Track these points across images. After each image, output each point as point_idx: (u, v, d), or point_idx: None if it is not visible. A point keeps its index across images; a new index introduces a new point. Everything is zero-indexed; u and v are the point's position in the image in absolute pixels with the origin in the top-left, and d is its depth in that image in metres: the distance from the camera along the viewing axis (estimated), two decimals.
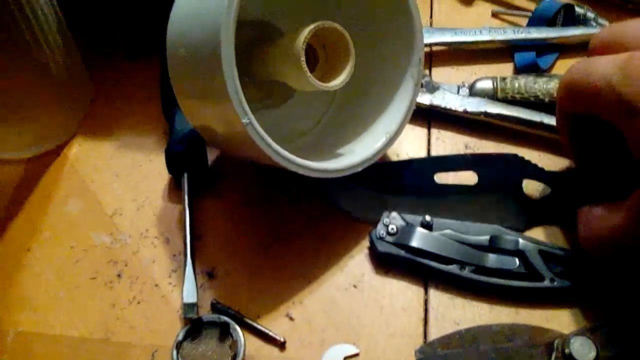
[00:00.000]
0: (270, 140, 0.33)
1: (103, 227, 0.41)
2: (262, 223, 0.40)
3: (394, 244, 0.37)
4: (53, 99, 0.44)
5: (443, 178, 0.41)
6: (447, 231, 0.38)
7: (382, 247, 0.37)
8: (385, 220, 0.38)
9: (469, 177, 0.41)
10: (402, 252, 0.37)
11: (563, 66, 0.47)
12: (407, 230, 0.37)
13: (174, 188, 0.43)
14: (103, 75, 0.49)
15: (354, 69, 0.36)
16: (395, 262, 0.37)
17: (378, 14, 0.39)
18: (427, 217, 0.38)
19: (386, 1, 0.38)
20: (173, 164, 0.41)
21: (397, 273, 0.38)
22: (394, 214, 0.38)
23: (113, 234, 0.41)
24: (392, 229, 0.37)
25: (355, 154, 0.38)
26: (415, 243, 0.37)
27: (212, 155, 0.43)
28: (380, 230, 0.37)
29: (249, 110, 0.32)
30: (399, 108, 0.39)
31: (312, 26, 0.34)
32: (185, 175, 0.41)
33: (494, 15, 0.52)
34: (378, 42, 0.40)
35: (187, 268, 0.37)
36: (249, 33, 0.39)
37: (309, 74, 0.34)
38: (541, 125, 0.41)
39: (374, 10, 0.39)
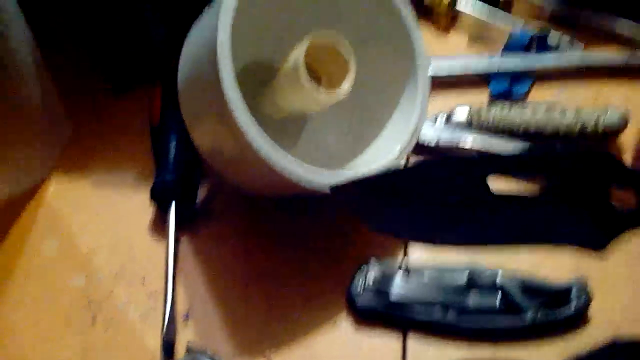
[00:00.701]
0: (274, 145, 0.33)
1: (78, 267, 0.41)
2: (241, 261, 0.40)
3: (374, 292, 0.36)
4: (28, 138, 0.43)
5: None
6: (426, 272, 0.37)
7: (361, 300, 0.36)
8: (364, 267, 0.37)
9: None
10: (381, 307, 0.36)
11: (538, 93, 0.47)
12: (386, 279, 0.37)
13: (151, 226, 0.42)
14: (81, 111, 0.49)
15: (364, 85, 0.37)
16: (374, 316, 0.36)
17: (375, 33, 0.41)
18: (404, 264, 0.38)
19: (382, 18, 0.40)
20: (162, 193, 0.41)
21: (376, 322, 0.37)
22: (373, 261, 0.38)
23: (88, 274, 0.40)
24: (371, 278, 0.37)
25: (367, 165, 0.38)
26: (395, 292, 0.36)
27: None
28: (359, 280, 0.37)
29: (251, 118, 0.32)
30: (407, 119, 0.40)
31: (307, 37, 0.35)
32: (173, 204, 0.40)
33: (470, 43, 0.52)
34: (378, 60, 0.41)
35: (167, 306, 0.37)
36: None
37: (309, 83, 0.34)
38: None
39: (371, 29, 0.41)
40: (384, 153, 0.39)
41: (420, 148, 0.43)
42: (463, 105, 0.45)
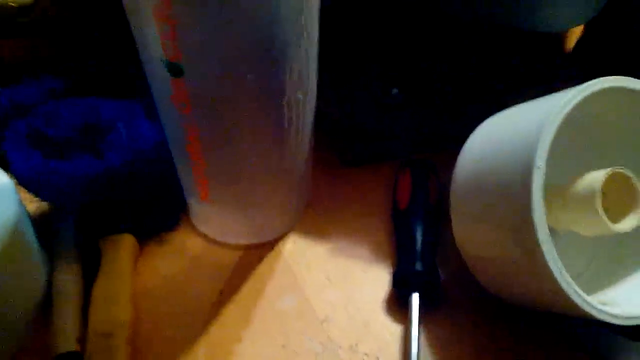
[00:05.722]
0: (566, 275, 0.32)
1: (314, 331, 0.41)
2: (482, 354, 0.39)
3: None
4: (279, 194, 0.45)
5: None
6: None
7: None
8: None
9: None
10: None
11: None
12: None
13: (388, 305, 0.42)
14: (319, 178, 0.51)
15: None
16: None
17: None
18: None
19: None
20: (406, 283, 0.41)
21: None
22: None
23: (323, 342, 0.40)
24: None
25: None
26: None
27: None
28: None
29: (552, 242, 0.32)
30: None
31: (606, 171, 0.34)
32: (416, 295, 0.40)
33: None
34: None
35: None
36: None
37: (602, 212, 0.34)
38: None
39: None
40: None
41: None
42: None
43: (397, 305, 0.42)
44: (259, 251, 0.46)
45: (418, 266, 0.41)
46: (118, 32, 0.38)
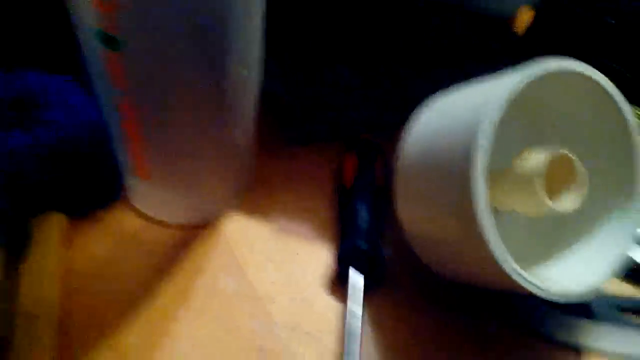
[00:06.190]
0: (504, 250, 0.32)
1: (255, 311, 0.40)
2: (424, 333, 0.39)
3: None
4: (221, 173, 0.44)
5: None
6: None
7: None
8: None
9: None
10: None
11: None
12: None
13: (331, 285, 0.42)
14: (263, 157, 0.50)
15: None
16: None
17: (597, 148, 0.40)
18: None
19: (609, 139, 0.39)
20: (351, 260, 0.41)
21: None
22: None
23: (263, 321, 0.40)
24: None
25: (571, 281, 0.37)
26: None
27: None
28: None
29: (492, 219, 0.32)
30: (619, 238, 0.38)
31: (549, 152, 0.35)
32: (354, 270, 0.40)
33: None
34: (597, 173, 0.40)
35: None
36: None
37: (543, 194, 0.34)
38: None
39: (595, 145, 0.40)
40: (589, 270, 0.38)
41: None
42: None
43: (340, 284, 0.42)
44: (200, 231, 0.45)
45: (362, 244, 0.41)
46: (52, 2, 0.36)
